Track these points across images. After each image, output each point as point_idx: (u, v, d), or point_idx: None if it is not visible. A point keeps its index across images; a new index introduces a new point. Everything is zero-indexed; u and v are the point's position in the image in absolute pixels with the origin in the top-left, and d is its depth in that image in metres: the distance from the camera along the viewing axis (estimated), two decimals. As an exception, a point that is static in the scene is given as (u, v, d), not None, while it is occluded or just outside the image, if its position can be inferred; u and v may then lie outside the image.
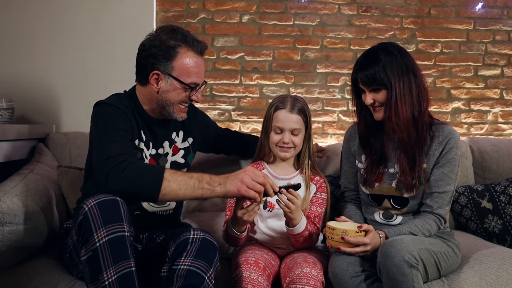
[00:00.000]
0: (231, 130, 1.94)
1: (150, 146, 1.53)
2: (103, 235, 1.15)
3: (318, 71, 2.52)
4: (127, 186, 1.24)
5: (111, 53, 2.34)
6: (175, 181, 1.26)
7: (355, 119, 1.66)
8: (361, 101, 1.57)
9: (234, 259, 1.50)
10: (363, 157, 1.64)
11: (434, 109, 2.53)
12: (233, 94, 2.50)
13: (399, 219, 1.58)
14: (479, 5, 2.52)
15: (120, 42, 2.33)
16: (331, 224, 1.44)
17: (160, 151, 1.56)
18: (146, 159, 1.51)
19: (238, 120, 2.50)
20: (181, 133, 1.63)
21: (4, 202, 1.44)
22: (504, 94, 2.57)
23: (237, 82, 2.50)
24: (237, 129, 2.48)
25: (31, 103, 2.30)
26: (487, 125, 2.57)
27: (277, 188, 1.36)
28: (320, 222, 1.59)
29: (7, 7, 2.29)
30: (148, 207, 1.53)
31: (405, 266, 1.26)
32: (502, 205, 1.97)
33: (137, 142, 1.48)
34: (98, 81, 2.33)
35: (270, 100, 1.97)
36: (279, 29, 2.49)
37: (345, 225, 1.46)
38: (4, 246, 1.42)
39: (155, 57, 1.43)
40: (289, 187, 1.41)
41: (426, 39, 2.53)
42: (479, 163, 2.17)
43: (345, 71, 2.50)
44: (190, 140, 1.66)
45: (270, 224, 1.59)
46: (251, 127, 2.50)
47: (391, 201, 1.58)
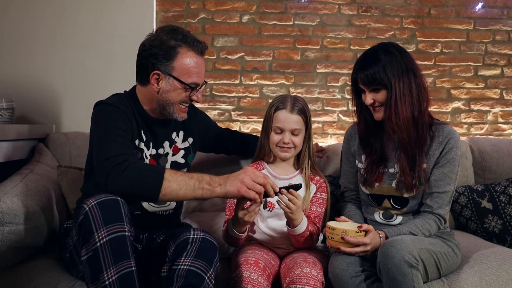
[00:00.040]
0: (231, 130, 1.94)
1: (150, 146, 1.53)
2: (104, 235, 1.15)
3: (318, 71, 2.52)
4: (128, 186, 1.24)
5: (111, 53, 2.34)
6: (176, 181, 1.26)
7: (355, 119, 1.66)
8: (361, 101, 1.57)
9: (234, 259, 1.50)
10: (363, 157, 1.64)
11: (434, 109, 2.53)
12: (233, 94, 2.50)
13: (399, 219, 1.58)
14: (479, 5, 2.52)
15: (120, 42, 2.33)
16: (331, 224, 1.44)
17: (160, 151, 1.56)
18: (146, 159, 1.51)
19: (238, 120, 2.50)
20: (181, 133, 1.63)
21: (4, 202, 1.44)
22: (504, 94, 2.57)
23: (237, 82, 2.50)
24: (237, 129, 2.48)
25: (31, 103, 2.30)
26: (487, 125, 2.57)
27: (278, 189, 1.36)
28: (320, 222, 1.59)
29: (7, 7, 2.29)
30: (148, 207, 1.53)
31: (405, 266, 1.26)
32: (502, 205, 1.97)
33: (137, 142, 1.48)
34: (98, 81, 2.33)
35: (270, 100, 1.97)
36: (279, 29, 2.49)
37: (345, 225, 1.46)
38: (4, 246, 1.42)
39: (156, 57, 1.43)
40: (290, 188, 1.41)
41: (426, 39, 2.53)
42: (479, 163, 2.17)
43: (345, 71, 2.50)
44: (190, 140, 1.66)
45: (270, 224, 1.59)
46: (251, 127, 2.50)
47: (391, 201, 1.58)
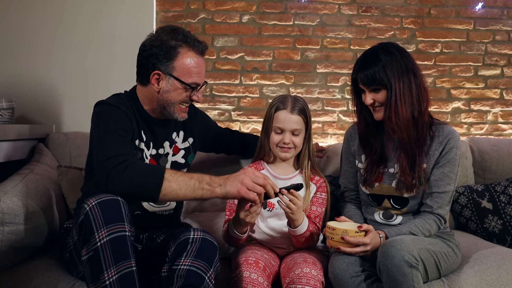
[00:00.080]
0: (231, 130, 1.94)
1: (151, 146, 1.53)
2: (104, 235, 1.15)
3: (318, 71, 2.52)
4: (128, 186, 1.24)
5: (111, 53, 2.34)
6: (176, 181, 1.26)
7: (355, 119, 1.66)
8: (361, 101, 1.57)
9: (234, 259, 1.50)
10: (363, 157, 1.64)
11: (434, 109, 2.53)
12: (233, 94, 2.50)
13: (399, 219, 1.58)
14: (479, 5, 2.52)
15: (120, 42, 2.33)
16: (331, 224, 1.44)
17: (161, 151, 1.56)
18: (147, 159, 1.51)
19: (238, 120, 2.50)
20: (182, 133, 1.63)
21: (4, 202, 1.44)
22: (504, 94, 2.57)
23: (237, 82, 2.50)
24: (237, 129, 2.48)
25: (31, 103, 2.30)
26: (487, 125, 2.57)
27: (278, 189, 1.36)
28: (321, 222, 1.59)
29: (7, 7, 2.29)
30: (149, 207, 1.53)
31: (405, 266, 1.26)
32: (502, 205, 1.97)
33: (137, 142, 1.48)
34: (98, 81, 2.33)
35: (270, 100, 1.97)
36: (279, 29, 2.49)
37: (345, 225, 1.46)
38: (4, 246, 1.42)
39: (156, 57, 1.43)
40: (291, 188, 1.41)
41: (426, 39, 2.53)
42: (479, 163, 2.17)
43: (345, 71, 2.50)
44: (191, 140, 1.66)
45: (270, 224, 1.59)
46: (251, 127, 2.50)
47: (391, 201, 1.58)
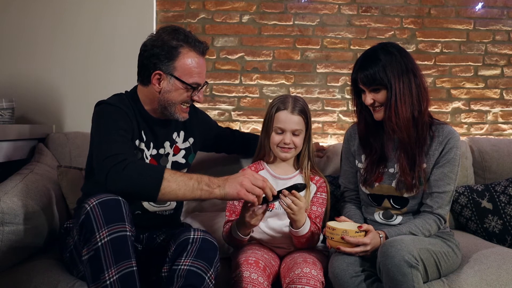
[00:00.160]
0: (232, 129, 1.94)
1: (151, 147, 1.53)
2: (105, 235, 1.15)
3: (318, 71, 2.52)
4: (127, 185, 1.24)
5: (111, 53, 2.34)
6: (175, 181, 1.26)
7: (355, 119, 1.66)
8: (361, 101, 1.57)
9: (234, 259, 1.50)
10: (363, 157, 1.64)
11: (434, 109, 2.53)
12: (233, 94, 2.50)
13: (399, 219, 1.58)
14: (479, 5, 2.52)
15: (120, 42, 2.33)
16: (331, 224, 1.44)
17: (161, 151, 1.56)
18: (147, 160, 1.51)
19: (238, 120, 2.50)
20: (182, 134, 1.63)
21: (4, 202, 1.44)
22: (504, 94, 2.57)
23: (237, 82, 2.50)
24: (237, 129, 2.48)
25: (31, 103, 2.30)
26: (487, 125, 2.57)
27: (276, 192, 1.36)
28: (321, 222, 1.59)
29: (7, 7, 2.29)
30: (149, 207, 1.53)
31: (405, 266, 1.26)
32: (502, 205, 1.97)
33: (138, 143, 1.48)
34: (98, 81, 2.33)
35: (270, 100, 1.97)
36: (279, 29, 2.49)
37: (345, 225, 1.46)
38: (4, 246, 1.42)
39: (157, 57, 1.43)
40: (292, 188, 1.40)
41: (426, 39, 2.53)
42: (479, 163, 2.17)
43: (345, 71, 2.50)
44: (191, 140, 1.66)
45: (270, 224, 1.59)
46: (251, 127, 2.50)
47: (391, 201, 1.58)
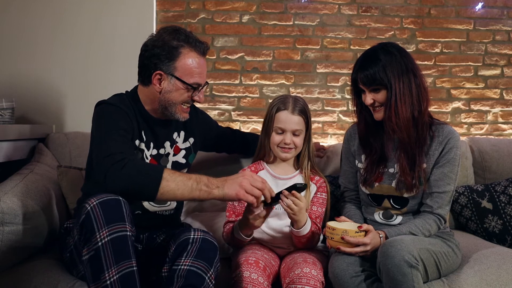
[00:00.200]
0: (232, 129, 1.94)
1: (151, 147, 1.53)
2: (105, 235, 1.14)
3: (318, 71, 2.52)
4: (126, 184, 1.24)
5: (111, 53, 2.34)
6: (174, 181, 1.26)
7: (355, 119, 1.66)
8: (361, 101, 1.57)
9: (234, 259, 1.50)
10: (363, 157, 1.64)
11: (434, 109, 2.53)
12: (233, 94, 2.50)
13: (399, 219, 1.58)
14: (479, 5, 2.52)
15: (120, 42, 2.33)
16: (331, 224, 1.44)
17: (161, 151, 1.56)
18: (147, 160, 1.51)
19: (238, 120, 2.50)
20: (182, 134, 1.63)
21: (4, 202, 1.44)
22: (504, 94, 2.57)
23: (237, 82, 2.50)
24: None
25: (31, 103, 2.30)
26: (487, 125, 2.57)
27: (274, 194, 1.36)
28: (321, 222, 1.59)
29: (7, 7, 2.29)
30: (149, 207, 1.53)
31: (405, 266, 1.26)
32: (502, 205, 1.97)
33: (138, 143, 1.48)
34: (98, 81, 2.33)
35: (270, 100, 1.97)
36: (279, 29, 2.49)
37: (345, 225, 1.46)
38: (4, 246, 1.42)
39: (158, 58, 1.43)
40: (292, 189, 1.40)
41: (426, 39, 2.53)
42: (479, 163, 2.17)
43: (345, 71, 2.50)
44: (191, 140, 1.66)
45: (271, 224, 1.59)
46: (251, 127, 2.50)
47: (391, 201, 1.58)
